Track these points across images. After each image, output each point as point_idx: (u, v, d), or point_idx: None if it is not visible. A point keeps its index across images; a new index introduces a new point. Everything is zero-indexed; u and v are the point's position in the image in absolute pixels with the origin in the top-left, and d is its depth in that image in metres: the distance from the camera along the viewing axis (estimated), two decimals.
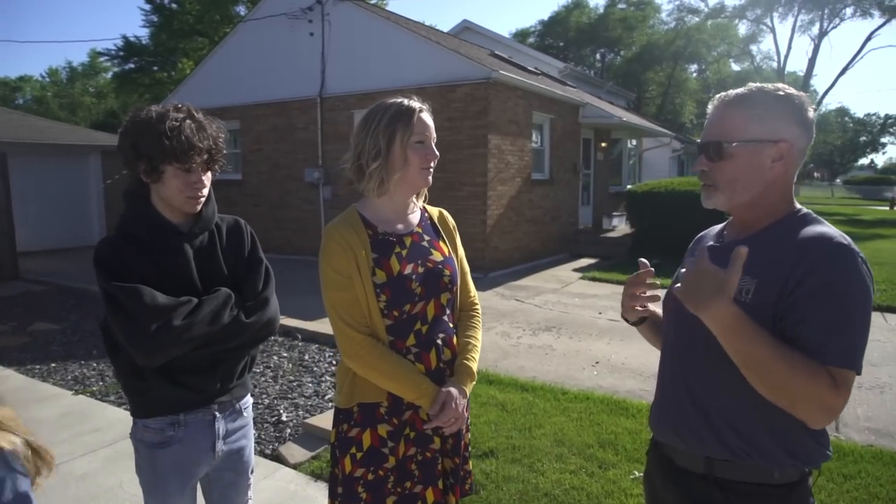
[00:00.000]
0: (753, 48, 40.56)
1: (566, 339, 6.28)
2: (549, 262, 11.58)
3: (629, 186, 14.40)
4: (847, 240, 1.24)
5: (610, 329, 6.62)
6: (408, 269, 1.66)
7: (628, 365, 5.40)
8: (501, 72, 9.77)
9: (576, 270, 10.74)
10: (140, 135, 1.63)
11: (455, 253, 1.81)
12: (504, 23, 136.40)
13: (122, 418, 4.07)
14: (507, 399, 4.38)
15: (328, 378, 4.91)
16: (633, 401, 4.42)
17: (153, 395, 1.69)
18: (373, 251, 1.65)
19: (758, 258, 1.26)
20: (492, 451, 3.55)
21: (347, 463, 1.66)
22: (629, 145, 17.30)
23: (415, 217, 1.78)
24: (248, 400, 1.92)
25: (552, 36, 41.82)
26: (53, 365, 5.24)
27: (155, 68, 31.67)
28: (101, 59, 37.99)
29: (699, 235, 1.66)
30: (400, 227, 1.73)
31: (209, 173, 1.74)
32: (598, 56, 42.51)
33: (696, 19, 37.71)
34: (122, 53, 29.98)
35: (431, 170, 1.71)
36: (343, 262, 1.62)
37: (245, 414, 1.89)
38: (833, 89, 34.42)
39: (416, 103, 1.68)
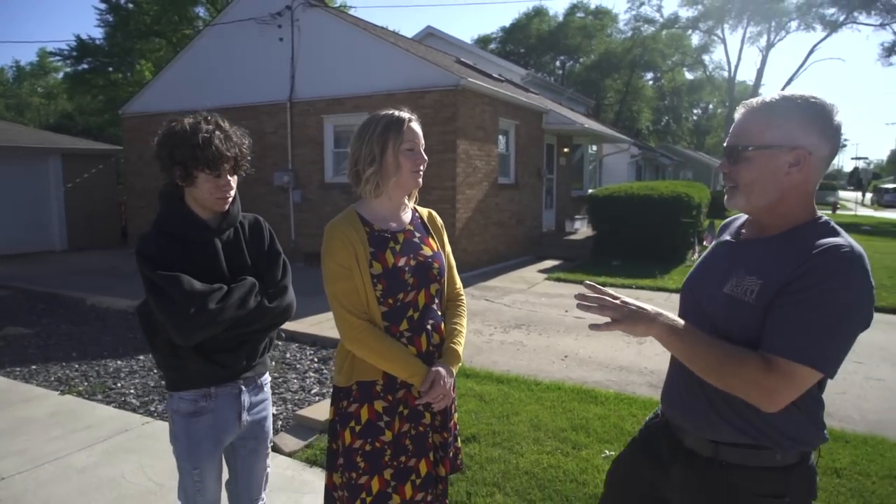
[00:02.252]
0: (706, 58, 42.25)
1: (535, 335, 6.60)
2: (516, 264, 11.94)
3: (590, 191, 14.90)
4: (856, 252, 1.26)
5: (576, 326, 6.97)
6: (401, 262, 1.86)
7: (595, 358, 5.74)
8: (470, 79, 10.08)
9: (541, 271, 11.11)
10: (176, 146, 1.84)
11: (442, 248, 2.03)
12: (466, 29, 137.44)
13: (113, 416, 4.17)
14: (485, 390, 4.64)
15: (311, 374, 5.08)
16: (601, 390, 4.74)
17: (188, 371, 1.91)
18: (370, 246, 1.85)
19: (767, 261, 1.34)
20: (474, 437, 3.81)
21: (347, 435, 1.85)
22: (590, 151, 17.85)
23: (406, 216, 1.98)
24: (268, 377, 2.14)
25: (513, 42, 42.59)
26: (34, 367, 5.27)
27: (110, 69, 30.91)
28: (52, 58, 36.91)
29: (726, 221, 1.68)
30: (394, 224, 1.93)
31: (235, 176, 1.96)
32: (558, 63, 43.43)
33: (652, 29, 38.99)
34: (74, 54, 29.14)
35: (421, 173, 1.92)
36: (344, 255, 1.82)
37: (265, 389, 2.12)
38: None
39: (405, 114, 1.90)
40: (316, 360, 5.49)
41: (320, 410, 4.08)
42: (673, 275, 10.34)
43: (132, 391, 4.65)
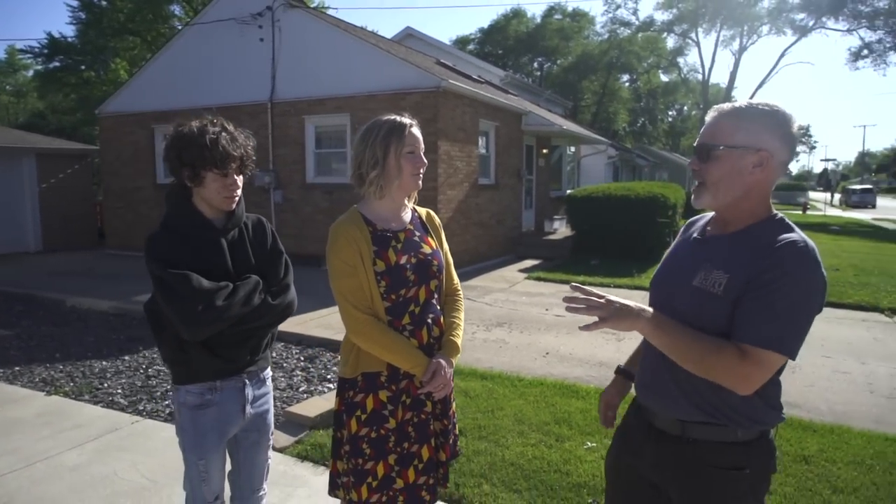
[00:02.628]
0: (681, 60, 42.97)
1: (517, 333, 6.74)
2: (496, 264, 12.08)
3: (569, 191, 15.13)
4: (809, 246, 1.40)
5: (557, 324, 7.13)
6: (403, 260, 1.96)
7: (575, 355, 5.89)
8: (451, 81, 10.20)
9: (521, 271, 11.28)
10: (184, 147, 1.92)
11: (441, 246, 2.13)
12: (444, 30, 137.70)
13: (101, 415, 4.20)
14: (469, 387, 4.76)
15: (299, 372, 5.15)
16: (582, 385, 4.89)
17: (195, 365, 1.99)
18: (374, 245, 1.94)
19: (733, 255, 1.47)
20: (460, 431, 3.91)
21: (353, 424, 1.96)
22: (568, 152, 18.10)
23: (407, 216, 2.08)
24: (269, 371, 2.23)
25: (492, 44, 42.85)
26: (17, 368, 5.25)
27: (82, 67, 30.39)
28: (22, 56, 36.16)
29: (689, 221, 1.82)
30: (395, 224, 2.02)
31: (241, 176, 2.04)
32: (535, 64, 43.81)
33: (628, 32, 39.52)
34: (46, 51, 28.59)
35: (421, 175, 2.03)
36: (349, 254, 1.92)
37: (268, 383, 2.20)
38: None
39: (406, 119, 1.99)
40: (302, 358, 5.55)
41: (309, 407, 4.15)
42: (650, 273, 10.55)
43: (119, 391, 4.67)
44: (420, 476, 1.98)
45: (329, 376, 5.05)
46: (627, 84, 46.46)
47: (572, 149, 18.83)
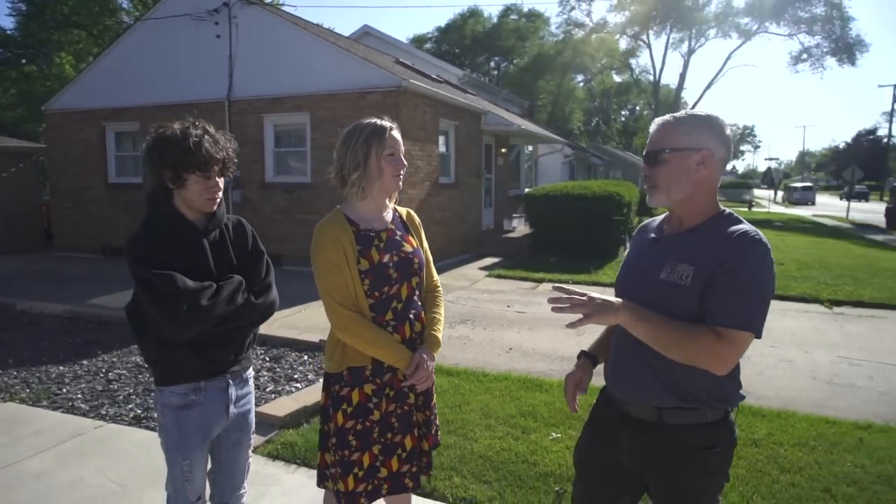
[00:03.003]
0: (633, 62, 43.95)
1: (480, 329, 6.86)
2: (457, 262, 12.21)
3: (527, 190, 15.39)
4: (760, 236, 1.58)
5: (519, 320, 7.28)
6: (385, 258, 2.05)
7: (538, 350, 6.05)
8: (412, 81, 10.26)
9: (482, 269, 11.43)
10: (167, 149, 1.94)
11: (421, 245, 2.21)
12: (401, 28, 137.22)
13: (62, 421, 4.11)
14: (436, 383, 4.83)
15: (265, 373, 5.14)
16: (545, 379, 5.04)
17: (179, 366, 2.01)
18: (357, 244, 2.02)
19: (694, 251, 1.62)
20: None
21: (340, 417, 2.04)
22: (526, 151, 18.38)
23: (388, 216, 2.16)
24: (251, 371, 2.26)
25: (449, 43, 42.98)
26: None
27: (24, 61, 29.14)
28: None
29: (642, 224, 1.96)
30: (377, 224, 2.11)
31: (222, 178, 2.07)
32: (492, 64, 44.16)
33: (582, 33, 40.21)
34: None
35: (401, 176, 2.10)
36: (334, 253, 2.00)
37: (250, 382, 2.24)
38: (700, 102, 37.93)
39: (387, 123, 2.07)
40: (267, 359, 5.53)
41: (278, 407, 4.17)
42: (606, 270, 10.88)
43: (79, 396, 4.57)
44: (403, 464, 2.07)
45: (296, 376, 5.06)
46: (582, 84, 47.33)
47: (530, 148, 19.13)
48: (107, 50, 12.99)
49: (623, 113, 59.65)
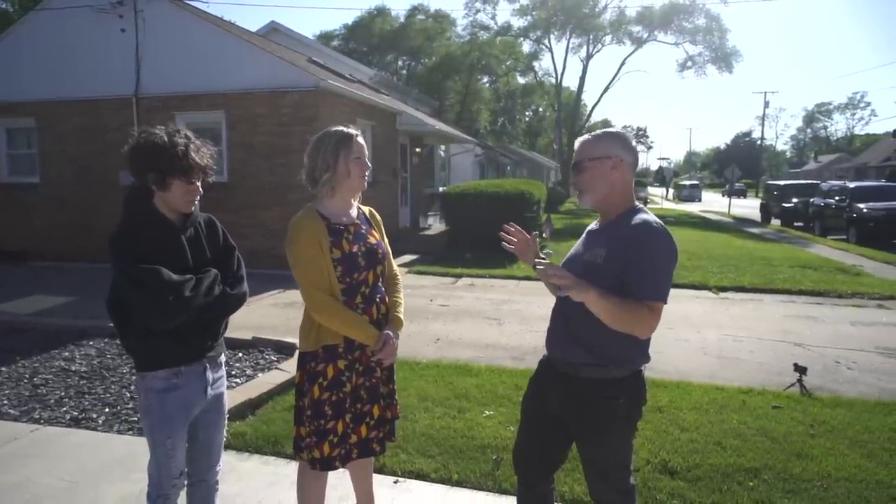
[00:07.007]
0: (536, 65, 45.79)
1: (407, 322, 7.04)
2: None
3: (442, 188, 15.83)
4: (660, 223, 1.98)
5: (442, 313, 7.65)
6: (355, 249, 2.35)
7: (464, 340, 6.45)
8: (329, 81, 10.38)
9: (402, 266, 11.69)
10: (153, 155, 2.11)
11: (382, 238, 2.53)
12: (307, 25, 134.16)
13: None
14: None
15: None
16: (473, 364, 5.43)
17: (163, 352, 2.19)
18: (329, 236, 2.31)
19: (610, 236, 2.04)
20: None
21: (316, 390, 2.31)
22: (440, 151, 18.84)
23: (354, 212, 2.46)
24: (224, 357, 2.46)
25: (356, 41, 42.72)
26: None
27: None
28: None
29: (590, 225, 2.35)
30: (345, 219, 2.40)
31: (201, 182, 2.26)
32: (401, 63, 44.39)
33: (488, 35, 41.35)
34: None
35: (366, 177, 2.42)
36: (310, 244, 2.27)
37: (223, 367, 2.44)
38: (599, 105, 40.21)
39: (353, 130, 2.39)
40: None
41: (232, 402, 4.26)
42: (520, 264, 11.48)
43: (6, 402, 4.44)
44: (371, 431, 2.39)
45: (234, 372, 5.13)
46: (488, 85, 48.55)
47: (443, 147, 19.61)
48: None
49: (527, 114, 61.83)
